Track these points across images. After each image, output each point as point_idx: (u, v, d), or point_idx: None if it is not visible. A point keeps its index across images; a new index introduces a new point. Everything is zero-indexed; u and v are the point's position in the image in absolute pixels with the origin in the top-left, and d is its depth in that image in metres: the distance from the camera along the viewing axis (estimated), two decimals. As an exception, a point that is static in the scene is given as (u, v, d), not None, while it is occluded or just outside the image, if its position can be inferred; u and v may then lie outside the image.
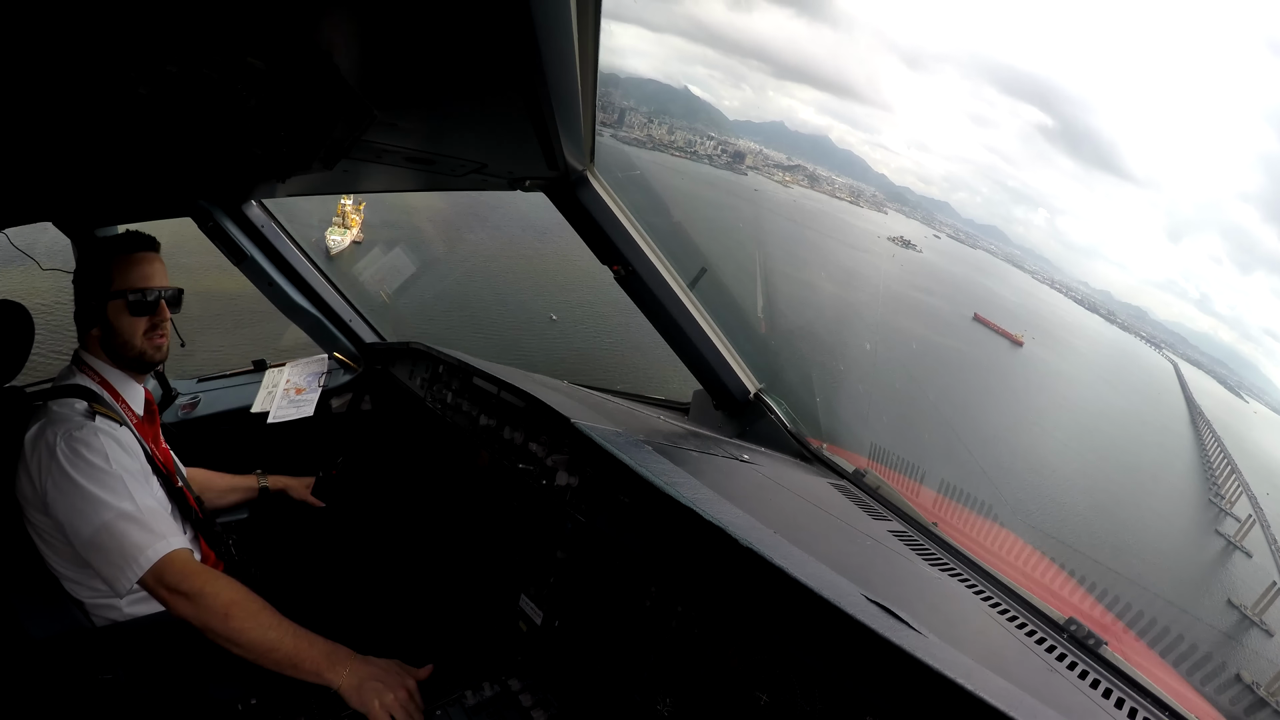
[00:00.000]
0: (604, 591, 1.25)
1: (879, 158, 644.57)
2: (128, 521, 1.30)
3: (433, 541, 2.05)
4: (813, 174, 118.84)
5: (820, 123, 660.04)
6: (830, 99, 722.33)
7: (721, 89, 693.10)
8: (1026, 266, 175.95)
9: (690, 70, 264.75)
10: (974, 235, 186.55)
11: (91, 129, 1.04)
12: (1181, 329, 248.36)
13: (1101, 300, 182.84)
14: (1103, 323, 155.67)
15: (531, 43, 0.80)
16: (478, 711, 1.25)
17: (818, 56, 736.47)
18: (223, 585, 1.31)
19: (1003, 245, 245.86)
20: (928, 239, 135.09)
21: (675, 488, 1.13)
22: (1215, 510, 57.19)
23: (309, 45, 0.77)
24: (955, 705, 0.72)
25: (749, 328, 2.65)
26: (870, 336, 38.16)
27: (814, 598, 0.87)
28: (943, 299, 79.03)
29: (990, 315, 76.70)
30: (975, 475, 31.13)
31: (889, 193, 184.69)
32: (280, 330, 3.31)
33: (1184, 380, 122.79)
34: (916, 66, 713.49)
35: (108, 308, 1.54)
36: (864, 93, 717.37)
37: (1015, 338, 70.92)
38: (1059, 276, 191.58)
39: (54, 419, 1.38)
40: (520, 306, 32.56)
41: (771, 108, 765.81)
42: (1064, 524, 33.43)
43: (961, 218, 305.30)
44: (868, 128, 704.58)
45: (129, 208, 2.16)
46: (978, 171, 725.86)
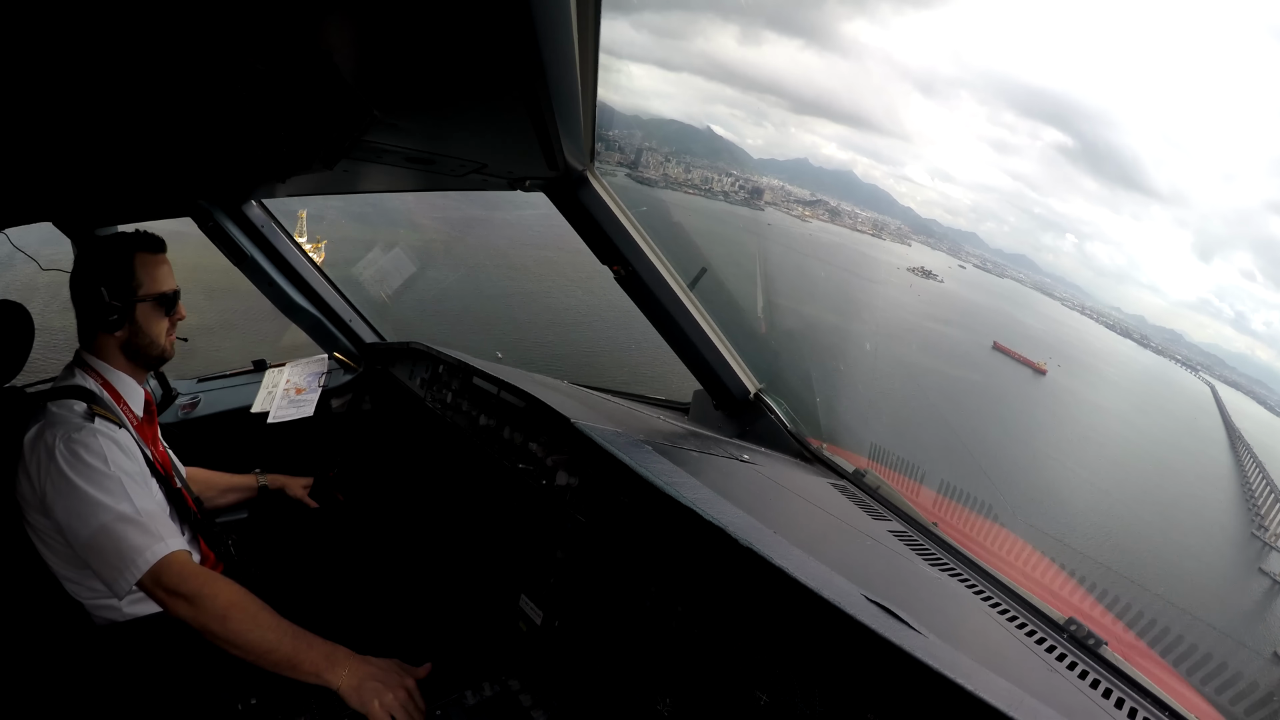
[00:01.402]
0: (604, 591, 1.25)
1: (905, 191, 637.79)
2: (126, 523, 1.30)
3: (433, 541, 2.05)
4: (834, 208, 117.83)
5: (844, 158, 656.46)
6: (851, 133, 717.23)
7: (744, 127, 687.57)
8: (1056, 294, 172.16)
9: (712, 110, 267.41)
10: (1001, 264, 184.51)
11: (92, 129, 1.04)
12: (1218, 350, 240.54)
13: (1135, 325, 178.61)
14: (1136, 348, 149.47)
15: (532, 43, 0.80)
16: (478, 711, 1.25)
17: (832, 89, 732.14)
18: (221, 587, 1.31)
19: (1032, 273, 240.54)
20: (951, 269, 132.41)
21: (675, 488, 1.13)
22: (1259, 545, 52.09)
23: (309, 46, 0.77)
24: (956, 705, 0.72)
25: (749, 328, 2.65)
26: (873, 367, 36.42)
27: (814, 598, 0.87)
28: (961, 328, 74.81)
29: (1013, 343, 73.08)
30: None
31: (915, 225, 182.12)
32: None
33: (1222, 403, 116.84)
34: (931, 93, 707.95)
35: (137, 309, 1.55)
36: (883, 124, 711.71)
37: (1037, 366, 66.57)
38: (1090, 303, 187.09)
39: (53, 420, 1.38)
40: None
41: (794, 145, 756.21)
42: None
43: (990, 248, 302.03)
44: (891, 160, 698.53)
45: (129, 208, 2.17)
46: (1004, 200, 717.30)
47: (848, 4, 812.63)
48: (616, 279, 2.10)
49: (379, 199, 27.13)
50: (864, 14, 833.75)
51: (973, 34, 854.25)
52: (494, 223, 41.94)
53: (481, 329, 29.89)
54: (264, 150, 1.40)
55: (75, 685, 1.41)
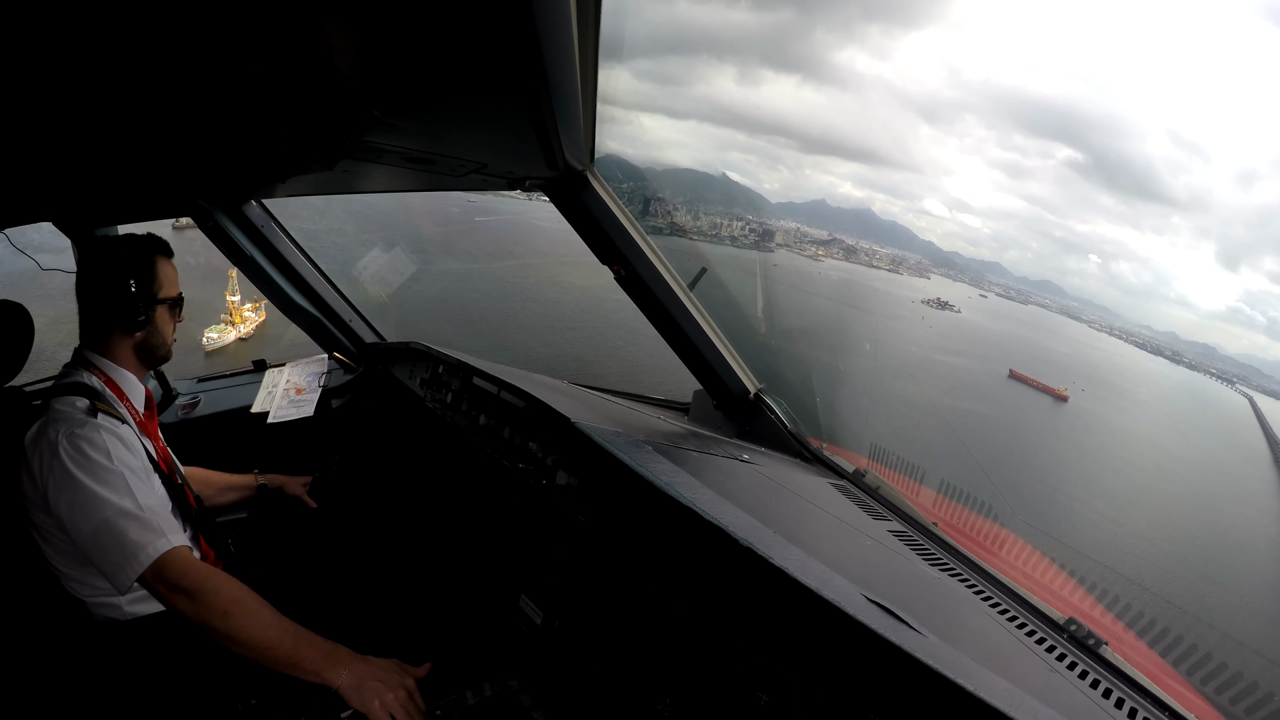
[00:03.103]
0: (604, 591, 1.25)
1: (924, 225, 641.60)
2: (128, 519, 1.31)
3: (433, 541, 2.05)
4: (850, 247, 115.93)
5: (860, 196, 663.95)
6: (865, 169, 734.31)
7: (760, 172, 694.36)
8: (1084, 317, 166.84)
9: (726, 156, 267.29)
10: (1026, 292, 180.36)
11: (92, 129, 1.04)
12: (1253, 360, 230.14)
13: (1167, 342, 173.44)
14: (1169, 365, 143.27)
15: (532, 42, 0.80)
16: (478, 711, 1.25)
17: (838, 124, 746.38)
18: (223, 583, 1.31)
19: (1058, 298, 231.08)
20: (971, 299, 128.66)
21: (675, 488, 1.13)
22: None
23: (309, 46, 0.77)
24: (956, 705, 0.72)
25: (749, 328, 2.65)
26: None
27: (814, 598, 0.87)
28: (974, 358, 69.35)
29: (1033, 369, 68.01)
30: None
31: (937, 259, 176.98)
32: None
33: (1261, 415, 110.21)
34: (936, 120, 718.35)
35: (155, 311, 1.59)
36: (893, 156, 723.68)
37: (1058, 392, 61.26)
38: (1119, 323, 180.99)
39: (56, 417, 1.39)
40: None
41: (811, 186, 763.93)
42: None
43: (1014, 276, 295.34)
44: (907, 195, 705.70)
45: (129, 208, 2.17)
46: (1023, 226, 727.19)
47: (835, 31, 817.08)
48: (617, 279, 2.09)
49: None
50: (853, 41, 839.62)
51: (967, 51, 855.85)
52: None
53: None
54: (264, 150, 1.40)
55: (76, 685, 1.41)
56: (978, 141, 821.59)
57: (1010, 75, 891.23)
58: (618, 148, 1.73)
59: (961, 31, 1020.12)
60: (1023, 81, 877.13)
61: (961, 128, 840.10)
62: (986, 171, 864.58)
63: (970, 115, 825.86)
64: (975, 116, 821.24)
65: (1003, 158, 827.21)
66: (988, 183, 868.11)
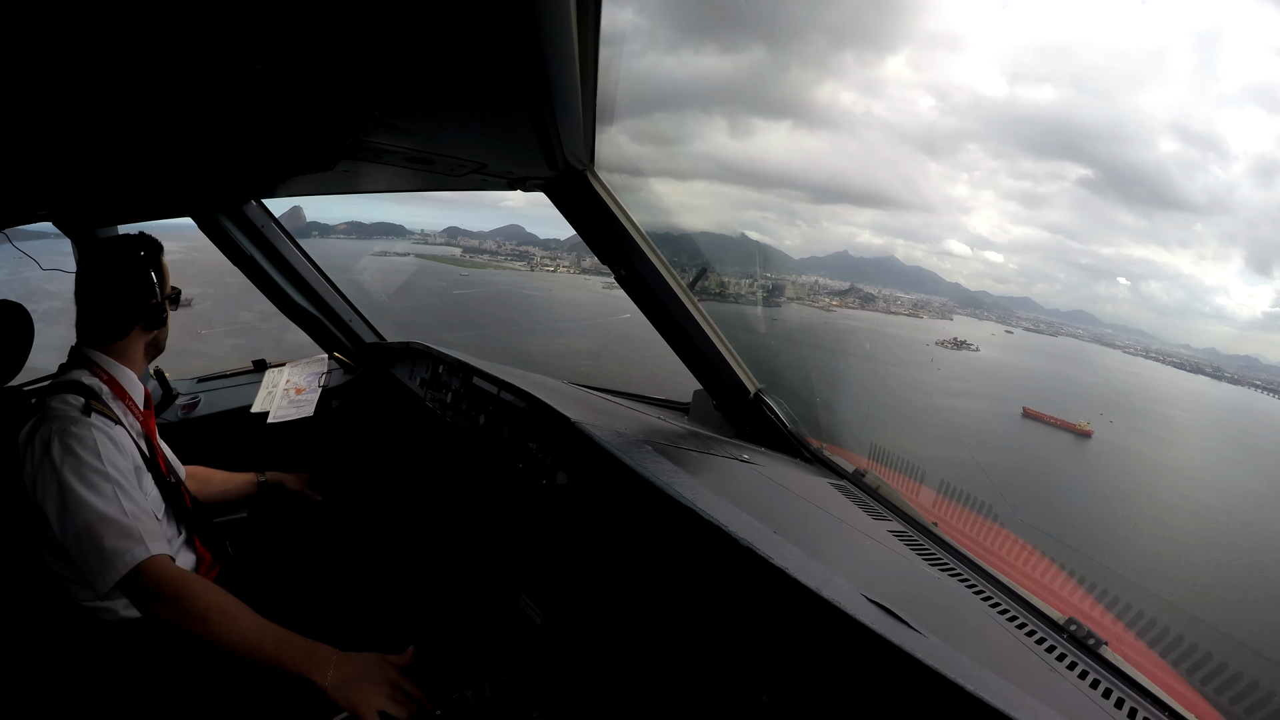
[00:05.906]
0: (604, 591, 1.25)
1: (949, 267, 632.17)
2: (109, 524, 1.30)
3: (433, 541, 2.05)
4: (868, 295, 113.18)
5: (880, 244, 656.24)
6: (880, 215, 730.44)
7: (778, 229, 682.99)
8: (1119, 343, 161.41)
9: (743, 215, 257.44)
10: (1057, 324, 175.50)
11: (93, 129, 1.04)
12: None
13: (1207, 359, 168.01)
14: (1210, 382, 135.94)
15: (532, 42, 0.80)
16: (478, 711, 1.25)
17: (841, 169, 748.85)
18: (199, 589, 1.30)
19: (1092, 327, 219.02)
20: (995, 337, 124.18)
21: (675, 488, 1.13)
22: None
23: (309, 46, 0.77)
24: (955, 705, 0.72)
25: (749, 328, 2.65)
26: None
27: (814, 598, 0.87)
28: (987, 399, 61.71)
29: (1054, 404, 58.08)
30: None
31: (963, 300, 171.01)
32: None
33: None
34: (936, 152, 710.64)
35: (164, 308, 1.66)
36: (902, 197, 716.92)
37: (1079, 427, 53.22)
38: (1156, 345, 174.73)
39: (49, 415, 1.39)
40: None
41: (832, 239, 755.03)
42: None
43: (1045, 309, 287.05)
44: (927, 238, 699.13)
45: (130, 208, 2.17)
46: (1048, 257, 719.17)
47: (810, 66, 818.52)
48: (617, 279, 2.09)
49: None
50: (831, 74, 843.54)
51: (948, 71, 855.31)
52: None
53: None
54: (264, 150, 1.40)
55: (71, 685, 1.41)
56: (988, 173, 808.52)
57: (998, 89, 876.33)
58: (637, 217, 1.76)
59: (938, 49, 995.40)
60: (1012, 94, 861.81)
61: (967, 159, 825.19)
62: (1002, 204, 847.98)
63: (972, 144, 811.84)
64: (978, 145, 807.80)
65: (1016, 187, 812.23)
66: (1005, 215, 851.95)
